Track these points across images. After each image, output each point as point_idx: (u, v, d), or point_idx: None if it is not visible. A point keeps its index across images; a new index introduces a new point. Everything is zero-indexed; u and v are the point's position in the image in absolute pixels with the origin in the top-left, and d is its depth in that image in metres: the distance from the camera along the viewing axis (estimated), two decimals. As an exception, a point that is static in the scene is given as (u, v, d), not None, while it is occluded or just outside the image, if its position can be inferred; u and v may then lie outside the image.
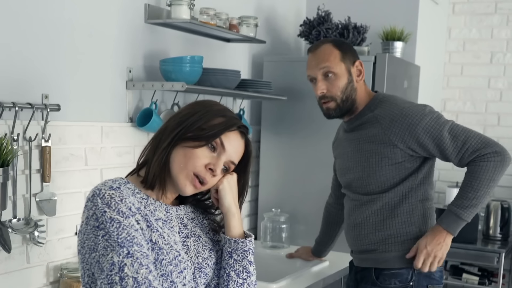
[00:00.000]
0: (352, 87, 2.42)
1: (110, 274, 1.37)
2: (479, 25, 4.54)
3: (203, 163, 1.51)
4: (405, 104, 2.39)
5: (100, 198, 1.41)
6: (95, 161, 2.49)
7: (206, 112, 1.54)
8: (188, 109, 1.57)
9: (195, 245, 1.59)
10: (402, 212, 2.40)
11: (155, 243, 1.47)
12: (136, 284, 1.36)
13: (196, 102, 1.62)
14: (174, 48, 2.89)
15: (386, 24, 3.66)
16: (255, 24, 3.17)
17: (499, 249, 3.92)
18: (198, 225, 1.65)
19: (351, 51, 2.45)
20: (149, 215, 1.49)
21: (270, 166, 3.56)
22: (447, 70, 4.67)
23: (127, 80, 2.63)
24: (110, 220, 1.39)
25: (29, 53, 2.20)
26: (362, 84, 2.48)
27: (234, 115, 1.58)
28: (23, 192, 2.22)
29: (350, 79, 2.41)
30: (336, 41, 2.46)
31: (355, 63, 2.44)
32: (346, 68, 2.41)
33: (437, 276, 2.46)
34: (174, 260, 1.49)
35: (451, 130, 2.32)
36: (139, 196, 1.50)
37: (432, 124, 2.32)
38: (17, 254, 2.21)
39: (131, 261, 1.38)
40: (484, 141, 2.31)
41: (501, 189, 4.52)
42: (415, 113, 2.33)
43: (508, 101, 4.50)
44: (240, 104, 3.40)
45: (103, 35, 2.50)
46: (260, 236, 3.46)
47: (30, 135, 2.20)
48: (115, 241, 1.38)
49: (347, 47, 2.45)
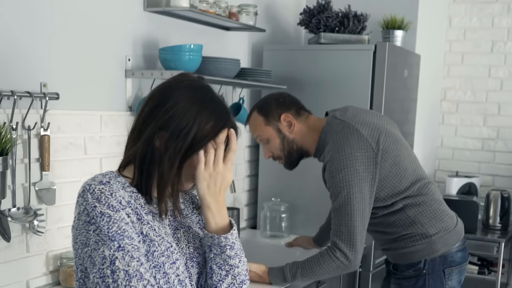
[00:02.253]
0: (288, 141, 2.52)
1: (101, 268, 1.37)
2: (479, 13, 4.52)
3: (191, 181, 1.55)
4: (331, 153, 2.39)
5: (90, 193, 1.41)
6: (94, 150, 2.48)
7: (198, 118, 1.47)
8: (180, 112, 1.46)
9: (186, 235, 1.59)
10: (397, 220, 2.47)
11: (146, 235, 1.46)
12: (127, 276, 1.36)
13: (178, 99, 1.48)
14: (173, 37, 2.88)
15: (386, 12, 3.64)
16: (255, 13, 3.15)
17: (499, 239, 3.93)
18: (188, 216, 1.66)
19: (274, 110, 2.50)
20: (139, 208, 1.48)
21: (270, 155, 3.55)
22: (448, 59, 4.65)
23: (126, 69, 2.62)
24: (101, 214, 1.39)
25: (28, 42, 2.19)
26: (301, 128, 2.52)
27: (224, 109, 1.53)
28: (22, 181, 2.21)
29: (281, 136, 2.51)
30: (259, 107, 2.54)
31: (280, 118, 2.50)
32: (274, 128, 2.51)
33: (458, 257, 2.50)
34: (166, 251, 1.48)
35: (342, 197, 2.34)
36: (129, 190, 1.49)
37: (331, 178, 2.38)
38: (17, 243, 2.21)
39: (122, 254, 1.37)
40: (347, 231, 2.35)
41: (501, 178, 4.54)
42: (330, 169, 2.39)
43: (509, 90, 4.49)
44: (240, 93, 3.39)
45: (102, 24, 2.49)
46: (260, 225, 3.46)
47: (29, 124, 2.19)
48: (105, 235, 1.38)
49: (269, 108, 2.51)
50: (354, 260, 2.35)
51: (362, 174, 2.33)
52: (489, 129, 4.57)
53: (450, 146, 4.70)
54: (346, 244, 2.34)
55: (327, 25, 3.41)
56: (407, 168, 2.45)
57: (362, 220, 2.35)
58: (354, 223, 2.33)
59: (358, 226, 2.34)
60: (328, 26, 3.41)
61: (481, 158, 4.61)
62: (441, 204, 2.53)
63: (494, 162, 4.57)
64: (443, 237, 2.46)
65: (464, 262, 2.55)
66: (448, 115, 4.70)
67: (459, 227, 2.55)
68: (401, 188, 2.42)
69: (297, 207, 3.43)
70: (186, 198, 1.69)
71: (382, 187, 2.40)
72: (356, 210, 2.33)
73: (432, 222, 2.45)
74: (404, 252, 2.49)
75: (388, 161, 2.39)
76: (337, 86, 3.27)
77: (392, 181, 2.41)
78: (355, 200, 2.33)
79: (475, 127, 4.62)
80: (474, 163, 4.63)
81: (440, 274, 2.48)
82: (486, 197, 4.20)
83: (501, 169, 4.55)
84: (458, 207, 3.99)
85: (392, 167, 2.40)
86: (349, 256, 2.34)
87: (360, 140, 2.36)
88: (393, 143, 2.44)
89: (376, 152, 2.36)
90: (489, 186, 4.52)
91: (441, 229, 2.45)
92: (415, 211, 2.44)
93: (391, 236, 2.51)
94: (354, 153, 2.34)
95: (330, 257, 2.36)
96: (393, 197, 2.43)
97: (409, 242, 2.47)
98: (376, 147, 2.37)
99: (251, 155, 3.64)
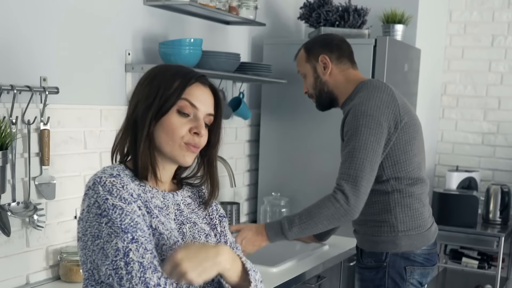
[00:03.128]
0: (321, 81, 2.59)
1: (115, 260, 1.37)
2: (480, 7, 4.51)
3: (186, 129, 1.52)
4: (362, 99, 2.43)
5: (102, 186, 1.41)
6: (94, 144, 2.48)
7: (163, 79, 1.52)
8: (146, 86, 1.53)
9: (191, 231, 1.59)
10: (378, 201, 2.49)
11: (155, 229, 1.47)
12: (142, 268, 1.36)
13: (149, 75, 1.57)
14: (173, 31, 2.87)
15: (386, 6, 3.63)
16: (255, 7, 3.14)
17: (499, 233, 3.93)
18: (194, 211, 1.65)
19: (316, 49, 2.59)
20: (148, 201, 1.49)
21: (270, 150, 3.55)
22: (448, 53, 4.64)
23: (126, 63, 2.61)
24: (113, 207, 1.39)
25: (28, 36, 2.18)
26: (337, 74, 2.58)
27: (189, 69, 1.58)
28: (22, 176, 2.21)
29: (315, 75, 2.60)
30: (306, 44, 2.66)
31: (318, 59, 2.58)
32: (311, 67, 2.60)
33: (421, 258, 2.51)
34: (174, 245, 1.48)
35: (358, 141, 2.35)
36: (137, 183, 1.51)
37: (354, 122, 2.39)
38: (17, 238, 2.20)
39: (136, 246, 1.38)
40: (355, 175, 2.34)
41: (501, 173, 4.53)
42: (355, 111, 2.41)
43: (509, 84, 4.49)
44: (240, 87, 3.38)
45: (102, 17, 2.48)
46: (260, 220, 3.46)
47: (28, 118, 2.19)
48: (118, 227, 1.38)
49: (313, 46, 2.62)
50: (355, 206, 2.34)
51: (383, 128, 2.38)
52: (489, 124, 4.56)
53: (450, 140, 4.70)
54: (351, 187, 2.33)
55: (327, 19, 3.40)
56: (416, 155, 2.49)
57: (371, 169, 2.35)
58: (364, 168, 2.34)
59: (366, 174, 2.34)
60: (328, 20, 3.40)
61: (481, 153, 4.60)
62: (424, 206, 2.54)
63: (494, 156, 4.57)
64: (409, 236, 2.48)
65: (428, 265, 2.54)
66: (448, 110, 4.69)
67: (431, 232, 2.55)
68: (403, 167, 2.45)
69: (297, 201, 3.43)
70: (194, 191, 1.69)
71: (390, 154, 2.43)
72: (369, 157, 2.34)
73: (405, 219, 2.47)
74: (369, 239, 2.53)
75: (405, 136, 2.44)
76: (337, 80, 3.26)
77: (400, 156, 2.44)
78: (370, 147, 2.35)
79: (475, 122, 4.61)
80: (474, 158, 4.62)
81: (401, 270, 2.50)
82: (486, 192, 4.20)
83: (501, 163, 4.55)
84: (458, 202, 4.02)
85: (406, 144, 2.44)
86: (350, 200, 2.33)
87: (392, 101, 2.44)
88: (415, 126, 2.50)
89: (400, 120, 2.42)
90: (489, 180, 4.51)
91: (410, 228, 2.48)
92: (396, 201, 2.47)
93: (365, 216, 2.49)
94: (382, 107, 2.40)
95: (330, 200, 2.36)
96: (393, 169, 2.44)
97: (376, 231, 2.50)
98: (402, 116, 2.43)
99: (251, 149, 3.64)
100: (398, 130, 2.41)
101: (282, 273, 2.56)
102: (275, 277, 2.50)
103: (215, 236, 1.66)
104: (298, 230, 2.43)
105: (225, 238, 1.70)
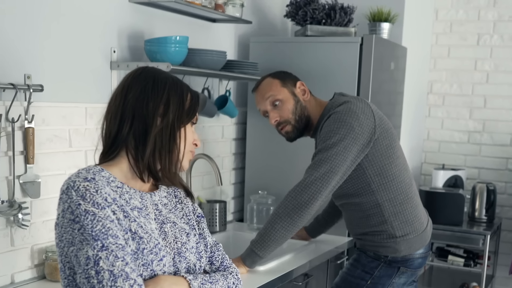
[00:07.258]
0: (301, 105, 2.59)
1: (86, 268, 1.36)
2: (466, 6, 4.53)
3: (192, 139, 1.60)
4: (331, 121, 2.44)
5: (75, 191, 1.40)
6: (79, 142, 2.46)
7: (181, 92, 1.56)
8: (154, 89, 1.53)
9: (172, 231, 1.58)
10: (372, 214, 2.52)
11: (135, 233, 1.45)
12: (112, 277, 1.35)
13: (150, 78, 1.57)
14: (159, 28, 2.86)
15: (373, 5, 3.64)
16: (241, 4, 3.14)
17: (485, 231, 3.94)
18: (172, 211, 1.64)
19: (289, 77, 2.63)
20: (124, 205, 1.47)
21: (257, 148, 3.55)
22: (434, 52, 4.66)
23: (111, 61, 2.60)
24: (85, 212, 1.38)
25: (11, 33, 2.16)
26: (312, 99, 2.62)
27: (189, 87, 1.63)
28: (6, 174, 2.19)
29: (296, 99, 2.59)
30: (274, 74, 2.65)
31: (296, 84, 2.61)
32: (289, 91, 2.58)
33: (417, 263, 2.57)
34: (155, 248, 1.48)
35: (330, 150, 2.37)
36: (114, 185, 1.48)
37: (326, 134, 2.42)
38: (1, 237, 2.18)
39: (106, 254, 1.36)
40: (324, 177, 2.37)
41: (487, 171, 4.55)
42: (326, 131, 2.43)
43: (495, 83, 4.51)
44: (226, 85, 3.37)
45: (87, 15, 2.46)
46: (247, 218, 3.45)
47: (13, 116, 2.17)
48: (89, 234, 1.36)
49: (285, 74, 2.64)
50: (307, 203, 2.38)
51: (357, 134, 2.38)
52: (475, 122, 4.59)
53: (437, 139, 4.72)
54: (319, 176, 2.37)
55: (314, 17, 3.40)
56: (399, 157, 2.51)
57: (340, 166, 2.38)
58: (333, 171, 2.37)
59: (335, 172, 2.37)
60: (315, 18, 3.40)
61: (467, 151, 4.62)
62: (416, 208, 2.57)
63: (480, 155, 4.59)
64: (408, 240, 2.51)
65: (419, 268, 2.61)
66: (434, 108, 4.71)
67: (427, 231, 2.60)
68: (389, 172, 2.46)
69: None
70: (170, 191, 1.68)
71: (373, 161, 2.44)
72: (337, 161, 2.38)
73: (401, 225, 2.50)
74: (371, 245, 2.57)
75: (385, 141, 2.45)
76: (324, 78, 3.26)
77: (383, 161, 2.45)
78: (344, 152, 2.37)
79: (461, 120, 4.63)
80: (460, 156, 4.64)
81: (394, 268, 2.54)
82: (472, 190, 4.21)
83: (487, 162, 4.57)
84: (444, 200, 4.03)
85: (387, 148, 2.46)
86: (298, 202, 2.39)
87: (366, 109, 2.46)
88: (391, 130, 2.51)
89: (376, 126, 2.43)
90: (475, 178, 4.54)
91: (408, 232, 2.51)
92: (390, 211, 2.49)
93: (363, 229, 2.57)
94: (358, 114, 2.41)
95: (278, 209, 2.42)
96: (379, 177, 2.45)
97: (377, 239, 2.54)
98: (377, 122, 2.44)
99: (237, 147, 3.63)
100: (376, 134, 2.43)
101: (269, 272, 2.55)
102: (262, 275, 2.50)
103: (194, 236, 1.65)
104: (273, 242, 2.42)
105: (204, 240, 1.69)
